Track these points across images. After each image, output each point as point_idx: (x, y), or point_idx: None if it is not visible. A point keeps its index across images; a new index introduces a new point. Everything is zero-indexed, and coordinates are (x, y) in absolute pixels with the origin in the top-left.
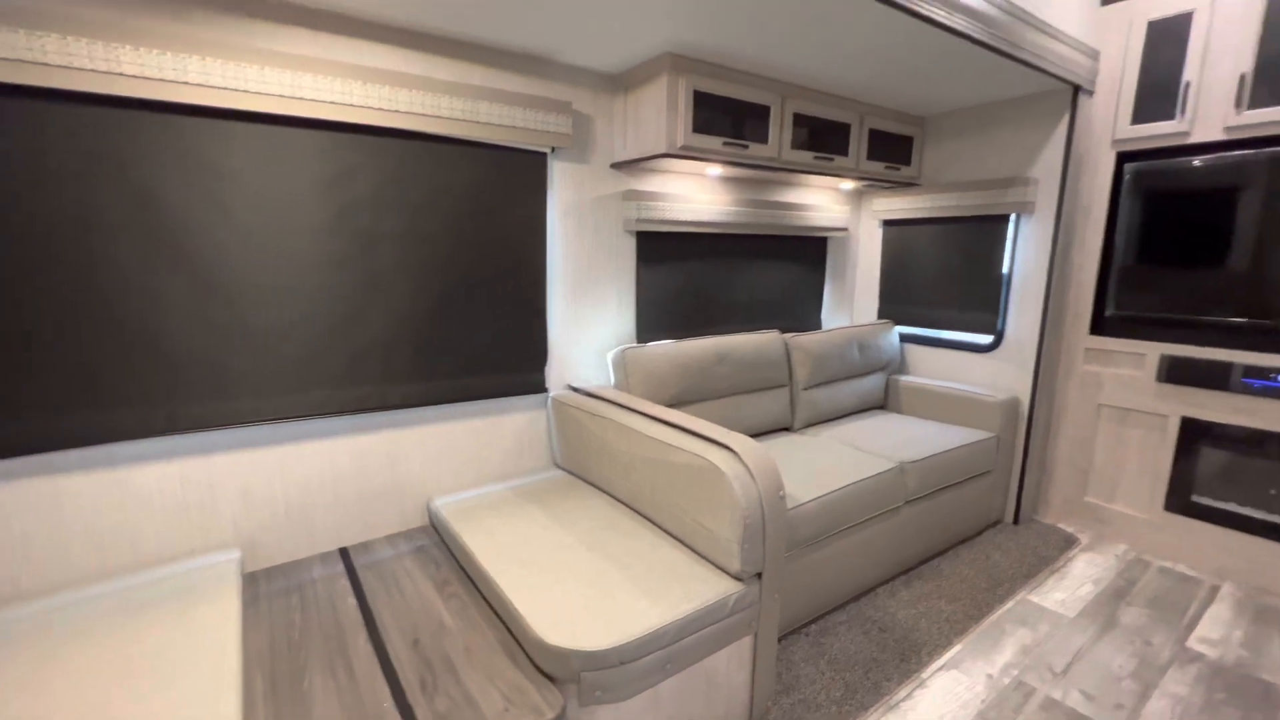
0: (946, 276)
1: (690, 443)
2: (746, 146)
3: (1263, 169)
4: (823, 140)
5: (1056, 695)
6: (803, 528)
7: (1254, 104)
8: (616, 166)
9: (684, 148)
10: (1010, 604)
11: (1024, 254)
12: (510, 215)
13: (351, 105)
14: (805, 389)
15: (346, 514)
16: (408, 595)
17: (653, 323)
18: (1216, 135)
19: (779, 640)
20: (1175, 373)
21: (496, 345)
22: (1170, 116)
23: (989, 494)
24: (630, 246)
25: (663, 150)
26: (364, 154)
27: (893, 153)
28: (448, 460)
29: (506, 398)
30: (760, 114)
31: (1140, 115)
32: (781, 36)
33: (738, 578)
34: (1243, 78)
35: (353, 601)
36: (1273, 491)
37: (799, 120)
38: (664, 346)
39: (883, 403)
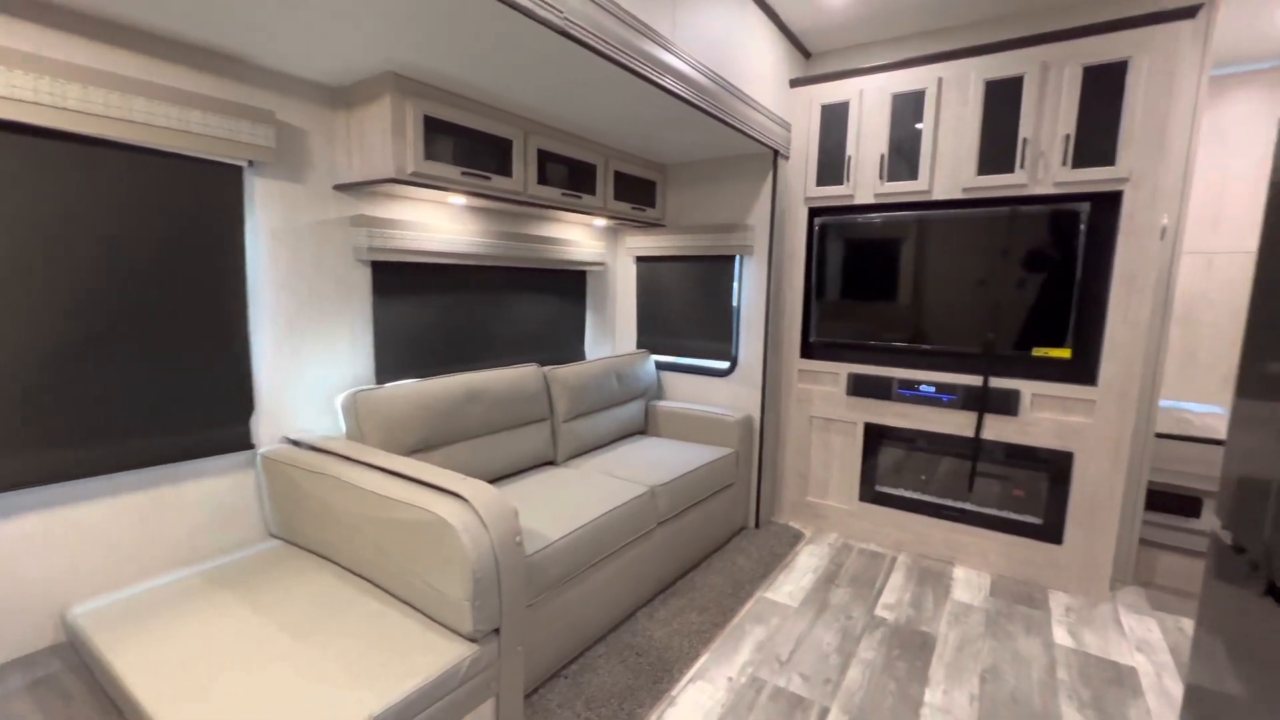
0: (691, 309)
1: (418, 495)
2: (489, 178)
3: (911, 226)
4: (570, 178)
5: (782, 683)
6: (552, 568)
7: (891, 177)
8: (342, 189)
9: (415, 174)
10: (750, 604)
11: (748, 290)
12: (191, 237)
13: None
14: (566, 421)
15: None
16: None
17: (396, 362)
18: (870, 199)
19: (535, 691)
20: (858, 387)
21: (176, 396)
22: (840, 182)
23: (734, 504)
24: (364, 278)
25: (390, 175)
26: None
27: (639, 195)
28: (96, 550)
29: (194, 460)
30: (502, 147)
31: (821, 179)
32: (513, 74)
33: (472, 639)
34: (882, 156)
35: None
36: (923, 477)
37: (545, 157)
38: (404, 388)
39: (643, 428)
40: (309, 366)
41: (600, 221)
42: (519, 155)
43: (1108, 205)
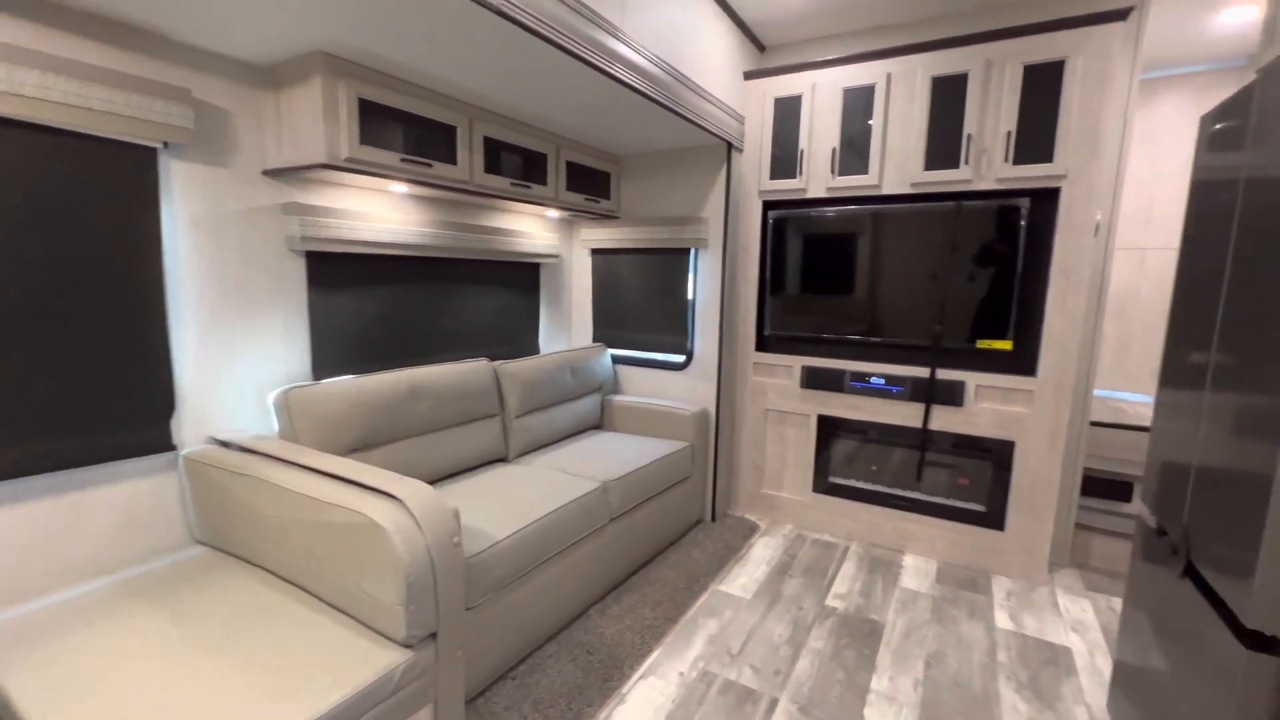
0: (647, 302)
1: (349, 496)
2: (431, 166)
3: (863, 220)
4: (520, 168)
5: (732, 676)
6: (497, 568)
7: (842, 171)
8: (272, 174)
9: (350, 160)
10: (704, 598)
11: (703, 283)
12: (98, 222)
13: None
14: (518, 417)
15: None
16: None
17: (335, 358)
18: (823, 193)
19: (481, 694)
20: (811, 380)
21: (84, 395)
22: (794, 175)
23: (690, 497)
24: (298, 269)
25: (323, 160)
26: None
27: (592, 186)
28: None
29: (107, 463)
30: (446, 134)
31: (775, 172)
32: (453, 58)
33: (407, 645)
34: (834, 150)
35: None
36: (874, 468)
37: (492, 145)
38: (341, 384)
39: (599, 423)
40: (238, 363)
41: (553, 213)
42: (464, 142)
43: (1047, 201)
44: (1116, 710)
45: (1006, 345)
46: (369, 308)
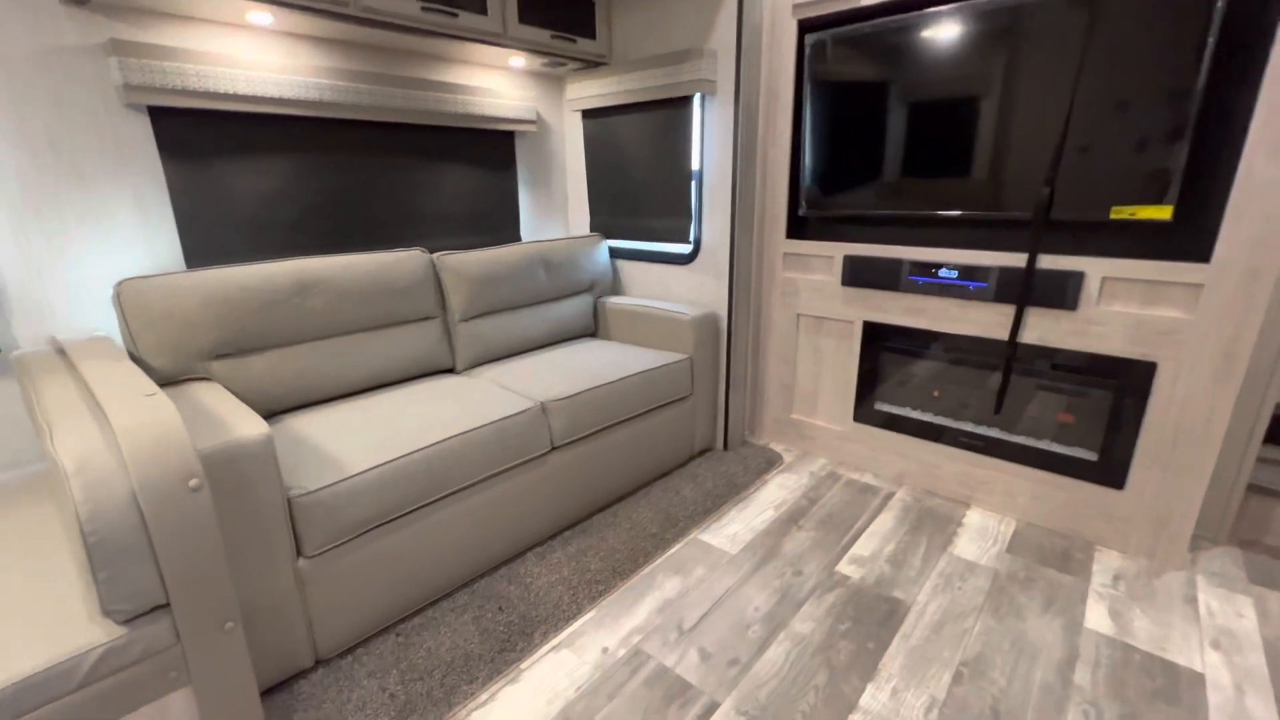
0: (646, 176)
1: (67, 418)
2: None
3: (937, 26)
4: None
5: (670, 662)
6: (350, 508)
7: None
8: (77, 1)
9: None
10: (677, 547)
11: (711, 145)
12: None
13: None
14: (464, 320)
15: None
16: None
17: (216, 245)
18: None
19: (351, 650)
20: (856, 274)
21: None
22: None
23: (688, 421)
24: (143, 129)
25: None
26: None
27: (564, 18)
28: None
29: None
30: None
31: None
32: None
33: (119, 620)
34: None
35: None
36: (936, 393)
37: None
38: (194, 277)
39: (593, 329)
40: (81, 247)
41: (519, 60)
42: None
43: None
44: None
45: (1163, 213)
46: (265, 184)
